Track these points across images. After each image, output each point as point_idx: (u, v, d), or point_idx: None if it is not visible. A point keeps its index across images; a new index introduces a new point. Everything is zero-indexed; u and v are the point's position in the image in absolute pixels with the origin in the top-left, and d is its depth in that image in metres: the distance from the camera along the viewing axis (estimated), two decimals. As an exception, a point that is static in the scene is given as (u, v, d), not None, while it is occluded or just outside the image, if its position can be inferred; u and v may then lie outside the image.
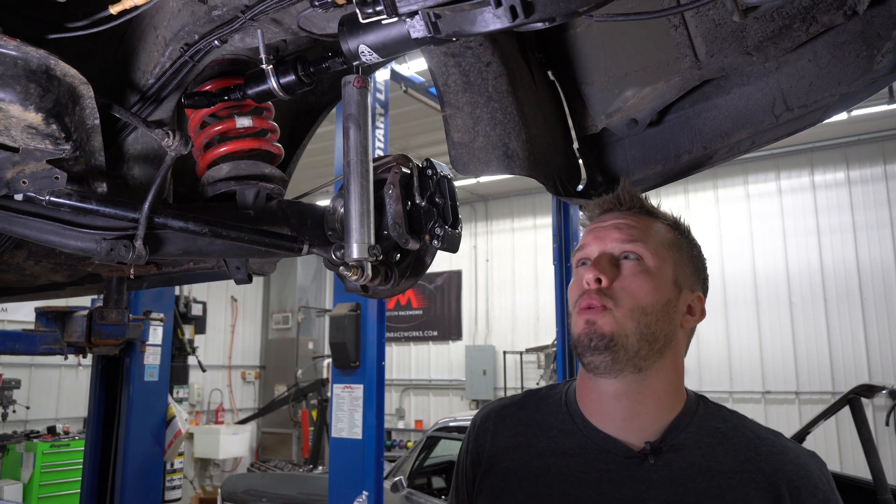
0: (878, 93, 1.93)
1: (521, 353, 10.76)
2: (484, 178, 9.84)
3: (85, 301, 4.15)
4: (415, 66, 6.66)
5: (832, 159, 9.08)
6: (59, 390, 9.28)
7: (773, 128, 1.57)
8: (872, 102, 7.35)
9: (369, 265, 1.29)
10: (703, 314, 1.13)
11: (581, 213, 1.21)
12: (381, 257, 1.33)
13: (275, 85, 1.26)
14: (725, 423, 1.09)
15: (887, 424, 8.05)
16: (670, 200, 9.68)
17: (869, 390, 4.58)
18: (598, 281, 1.05)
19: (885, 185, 8.75)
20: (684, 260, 1.12)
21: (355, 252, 1.21)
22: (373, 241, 1.22)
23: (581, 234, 1.16)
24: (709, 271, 1.20)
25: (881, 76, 1.35)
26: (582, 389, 1.13)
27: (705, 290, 1.17)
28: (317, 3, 1.04)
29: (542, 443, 1.13)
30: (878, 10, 1.28)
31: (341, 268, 1.31)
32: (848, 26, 1.36)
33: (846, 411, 4.24)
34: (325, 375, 10.37)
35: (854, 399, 4.26)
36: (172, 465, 5.52)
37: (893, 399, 8.10)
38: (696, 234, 1.19)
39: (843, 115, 7.49)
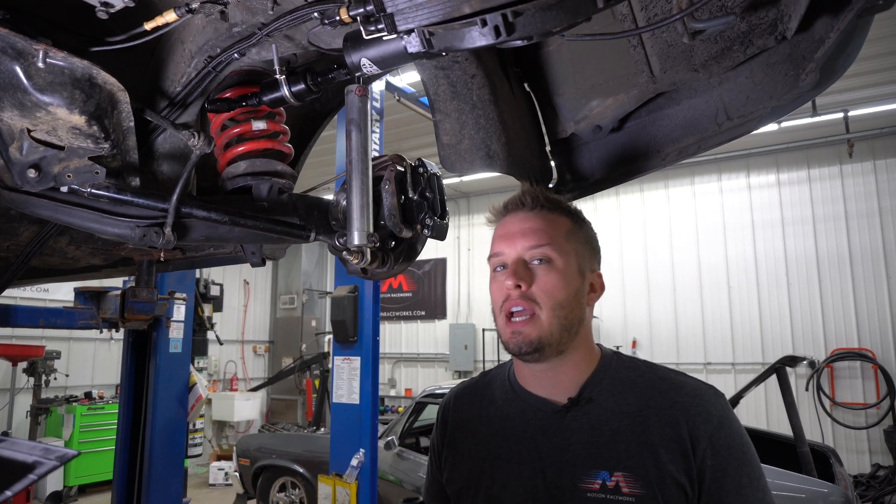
0: (803, 106, 1.96)
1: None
2: (467, 177, 9.81)
3: (117, 282, 4.11)
4: (407, 79, 6.62)
5: (765, 164, 9.17)
6: (95, 360, 9.17)
7: (716, 135, 1.59)
8: (798, 115, 7.43)
9: (368, 250, 1.30)
10: (602, 288, 1.13)
11: (488, 213, 1.18)
12: (379, 244, 1.33)
13: (286, 93, 1.25)
14: (636, 371, 1.10)
15: (807, 389, 8.22)
16: (631, 197, 9.74)
17: (792, 361, 4.67)
18: (518, 286, 1.05)
19: (808, 186, 8.87)
20: (581, 244, 1.11)
21: (356, 239, 1.22)
22: (371, 229, 1.23)
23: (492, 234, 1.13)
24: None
25: (805, 92, 1.37)
26: (518, 366, 1.17)
27: (600, 263, 1.15)
28: (326, 21, 1.04)
29: (491, 412, 1.17)
30: (803, 36, 1.30)
31: (344, 253, 1.31)
32: (778, 49, 1.38)
33: (774, 378, 4.33)
34: (325, 349, 10.34)
35: (780, 368, 4.34)
36: (194, 425, 5.51)
37: (812, 368, 8.26)
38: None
39: (774, 126, 7.57)
